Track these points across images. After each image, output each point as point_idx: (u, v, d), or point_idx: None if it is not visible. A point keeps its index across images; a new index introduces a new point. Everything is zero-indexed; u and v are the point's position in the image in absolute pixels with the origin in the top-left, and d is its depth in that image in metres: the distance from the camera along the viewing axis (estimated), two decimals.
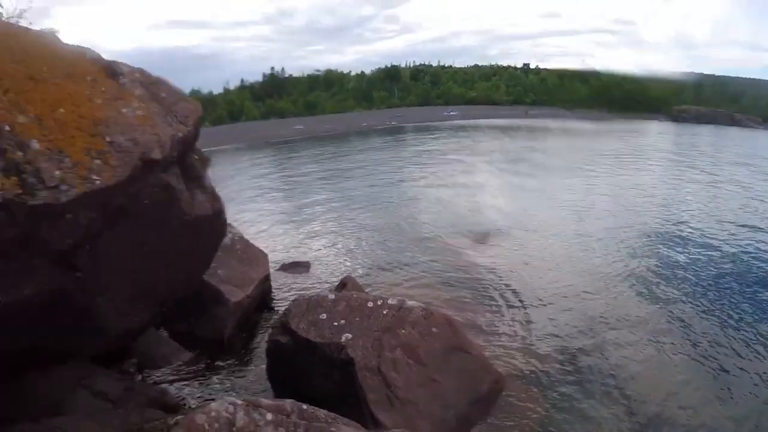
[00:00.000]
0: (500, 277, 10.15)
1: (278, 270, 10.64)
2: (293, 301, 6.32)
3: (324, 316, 5.89)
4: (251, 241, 9.53)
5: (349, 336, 5.57)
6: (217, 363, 7.14)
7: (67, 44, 5.19)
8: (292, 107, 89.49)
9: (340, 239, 13.53)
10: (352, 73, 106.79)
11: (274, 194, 20.61)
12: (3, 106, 4.08)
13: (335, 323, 5.74)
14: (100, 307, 4.90)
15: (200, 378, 6.76)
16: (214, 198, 6.02)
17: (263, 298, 8.91)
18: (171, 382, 6.55)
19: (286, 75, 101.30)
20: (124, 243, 4.81)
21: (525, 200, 17.12)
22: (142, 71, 5.81)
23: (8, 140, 3.98)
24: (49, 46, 4.92)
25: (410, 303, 6.04)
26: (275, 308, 8.96)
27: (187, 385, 6.57)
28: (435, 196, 18.28)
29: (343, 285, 8.35)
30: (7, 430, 4.28)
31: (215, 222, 6.03)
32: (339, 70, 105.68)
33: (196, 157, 6.17)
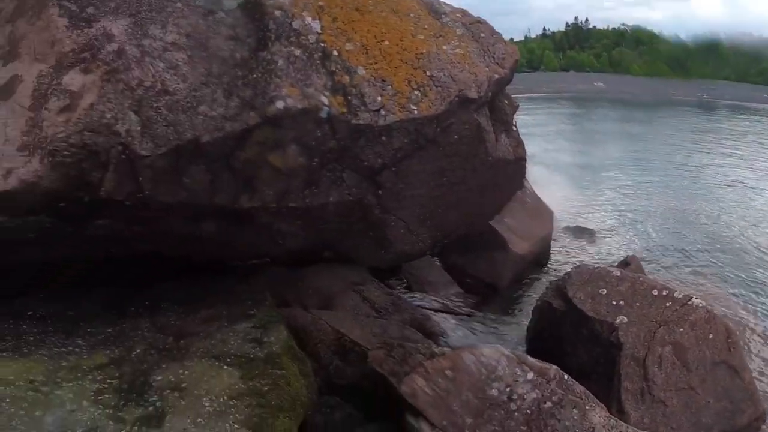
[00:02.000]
0: None
1: (560, 231, 10.28)
2: (576, 267, 6.19)
3: (604, 291, 5.63)
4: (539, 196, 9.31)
5: (624, 320, 5.33)
6: (482, 306, 7.28)
7: None
8: (594, 62, 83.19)
9: (630, 215, 12.63)
10: (663, 33, 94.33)
11: (563, 155, 19.71)
12: (332, 33, 4.45)
13: (614, 302, 5.50)
14: (392, 224, 5.25)
15: (462, 316, 6.95)
16: (518, 144, 6.00)
17: (541, 256, 8.74)
18: (435, 310, 6.86)
19: (590, 26, 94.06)
20: (427, 170, 5.05)
21: None
22: (464, 11, 5.92)
23: (337, 64, 4.37)
24: None
25: (695, 301, 5.55)
26: (551, 268, 8.73)
27: (446, 318, 6.82)
28: (744, 192, 15.92)
29: (626, 263, 7.95)
30: (281, 311, 4.91)
31: (515, 168, 6.03)
32: (649, 28, 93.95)
33: (506, 101, 6.13)
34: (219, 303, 4.63)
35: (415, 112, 4.64)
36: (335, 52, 4.42)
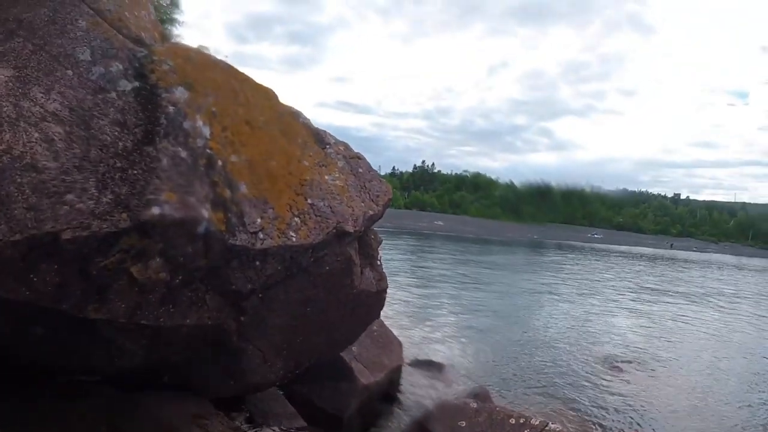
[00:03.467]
0: (636, 410, 9.84)
1: (408, 365, 10.34)
2: (437, 401, 6.58)
3: (463, 424, 5.90)
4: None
5: None
6: None
7: (282, 103, 5.49)
8: (436, 202, 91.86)
9: (474, 345, 13.22)
10: (500, 180, 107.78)
11: (408, 285, 20.74)
12: (220, 142, 4.28)
13: None
14: (249, 353, 4.95)
15: None
16: (381, 277, 6.06)
17: (390, 389, 8.60)
18: None
19: (435, 170, 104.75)
20: (292, 299, 4.89)
21: (664, 329, 17.45)
22: (346, 145, 6.14)
23: (220, 175, 4.17)
24: (268, 100, 5.21)
25: (553, 426, 5.92)
26: (401, 403, 8.61)
27: None
28: (574, 317, 18.16)
29: (475, 394, 8.14)
30: None
31: (376, 300, 6.05)
32: (488, 175, 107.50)
33: (373, 236, 6.26)
34: (45, 428, 3.94)
35: (294, 239, 4.54)
36: (220, 162, 4.21)
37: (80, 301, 3.58)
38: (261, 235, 4.27)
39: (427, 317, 15.48)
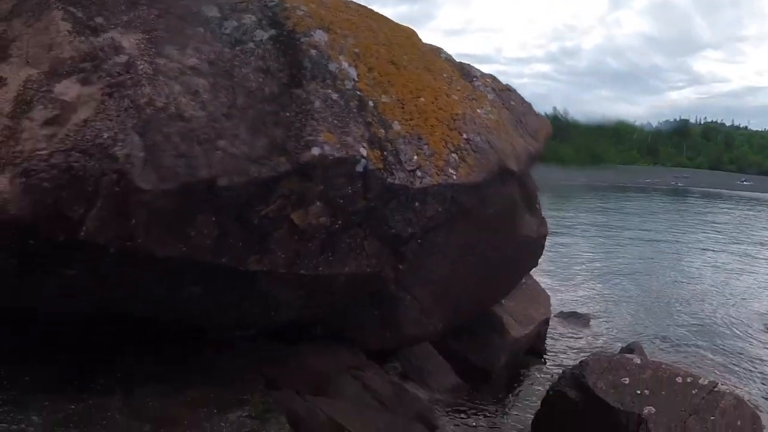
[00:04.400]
0: None
1: (554, 317, 9.75)
2: (593, 355, 5.80)
3: (627, 380, 5.26)
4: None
5: (652, 410, 4.93)
6: (479, 395, 6.54)
7: (422, 41, 5.18)
8: (575, 155, 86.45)
9: (618, 297, 12.20)
10: (637, 123, 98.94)
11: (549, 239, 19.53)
12: (368, 83, 4.04)
13: (638, 391, 5.11)
14: (405, 304, 4.65)
15: (460, 407, 6.22)
16: (542, 222, 5.55)
17: (536, 342, 8.12)
18: (433, 401, 6.10)
19: (569, 118, 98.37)
20: (454, 244, 4.52)
21: None
22: (493, 77, 5.67)
23: (373, 115, 3.91)
24: (408, 39, 4.93)
25: (722, 387, 5.25)
26: (547, 356, 8.11)
27: (447, 409, 6.07)
28: (725, 271, 16.17)
29: (630, 350, 7.41)
30: (272, 395, 4.18)
31: (537, 247, 5.55)
32: (629, 120, 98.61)
33: (530, 179, 5.72)
34: (204, 382, 3.85)
35: (454, 177, 4.13)
36: (371, 103, 3.96)
37: (241, 252, 3.37)
38: (419, 173, 3.91)
39: (567, 268, 14.54)
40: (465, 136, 4.44)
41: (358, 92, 3.91)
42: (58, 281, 3.29)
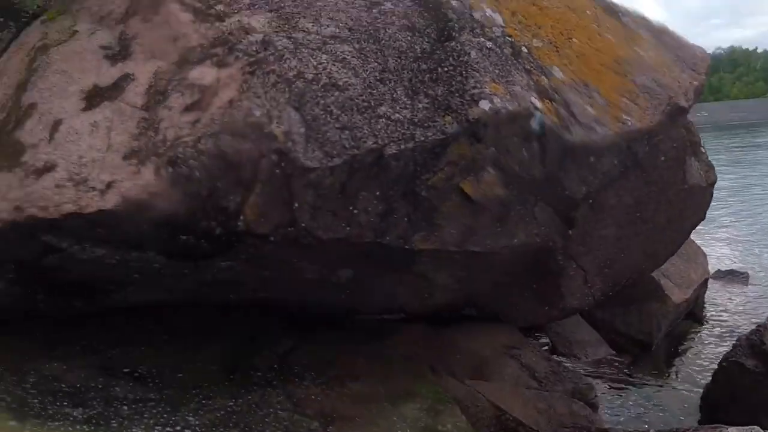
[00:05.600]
0: None
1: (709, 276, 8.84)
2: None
3: None
4: None
5: None
6: (638, 369, 6.00)
7: None
8: None
9: None
10: (759, 50, 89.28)
11: None
12: (516, 27, 3.56)
13: None
14: (570, 274, 4.15)
15: (619, 382, 5.70)
16: (708, 168, 4.89)
17: (696, 306, 7.38)
18: (590, 376, 5.60)
19: None
20: (623, 204, 3.98)
21: None
22: (642, 14, 5.02)
23: (529, 62, 3.40)
24: None
25: None
26: (708, 321, 7.34)
27: (605, 385, 5.58)
28: None
29: None
30: (439, 383, 3.93)
31: (704, 198, 4.91)
32: (743, 47, 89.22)
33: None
34: (367, 373, 3.59)
35: (629, 123, 3.58)
36: (524, 48, 3.45)
37: (406, 230, 2.98)
38: (597, 126, 3.38)
39: (715, 219, 12.68)
40: (631, 78, 3.89)
41: (509, 38, 3.44)
42: (210, 275, 3.09)
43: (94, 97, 2.87)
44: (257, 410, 3.13)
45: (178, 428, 2.91)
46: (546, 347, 5.97)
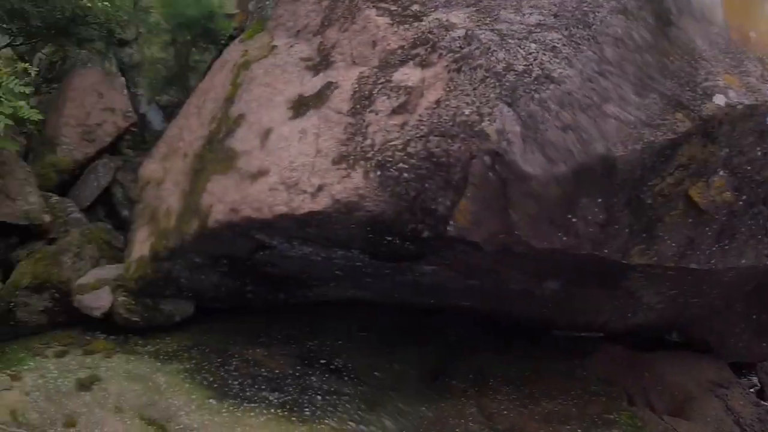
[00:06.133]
0: None
1: None
2: None
3: None
4: None
5: None
6: None
7: None
8: None
9: None
10: None
11: None
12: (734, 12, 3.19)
13: None
14: None
15: None
16: None
17: None
18: None
19: None
20: None
21: None
22: None
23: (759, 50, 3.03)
24: None
25: None
26: None
27: None
28: None
29: None
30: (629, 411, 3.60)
31: None
32: None
33: None
34: (562, 392, 3.39)
35: None
36: (752, 34, 3.09)
37: (626, 242, 2.70)
38: None
39: None
40: None
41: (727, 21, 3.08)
42: (411, 277, 3.07)
43: (300, 106, 2.95)
44: (450, 420, 3.07)
45: (373, 428, 2.94)
46: (753, 389, 5.23)
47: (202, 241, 3.02)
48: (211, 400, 2.94)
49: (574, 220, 2.54)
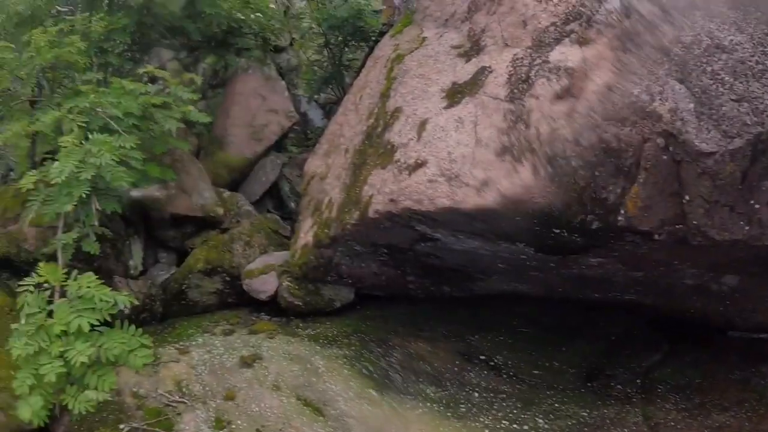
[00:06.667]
0: None
1: None
2: None
3: None
4: None
5: None
6: None
7: None
8: None
9: None
10: None
11: None
12: None
13: None
14: None
15: None
16: None
17: None
18: None
19: None
20: None
21: None
22: None
23: None
24: None
25: None
26: None
27: None
28: None
29: None
30: None
31: None
32: None
33: None
34: (733, 402, 3.09)
35: None
36: None
37: None
38: None
39: None
40: None
41: None
42: (576, 270, 2.96)
43: (454, 95, 2.93)
44: (610, 426, 2.91)
45: (526, 428, 2.86)
46: None
47: (362, 230, 3.13)
48: (371, 391, 3.00)
49: (756, 206, 2.31)
